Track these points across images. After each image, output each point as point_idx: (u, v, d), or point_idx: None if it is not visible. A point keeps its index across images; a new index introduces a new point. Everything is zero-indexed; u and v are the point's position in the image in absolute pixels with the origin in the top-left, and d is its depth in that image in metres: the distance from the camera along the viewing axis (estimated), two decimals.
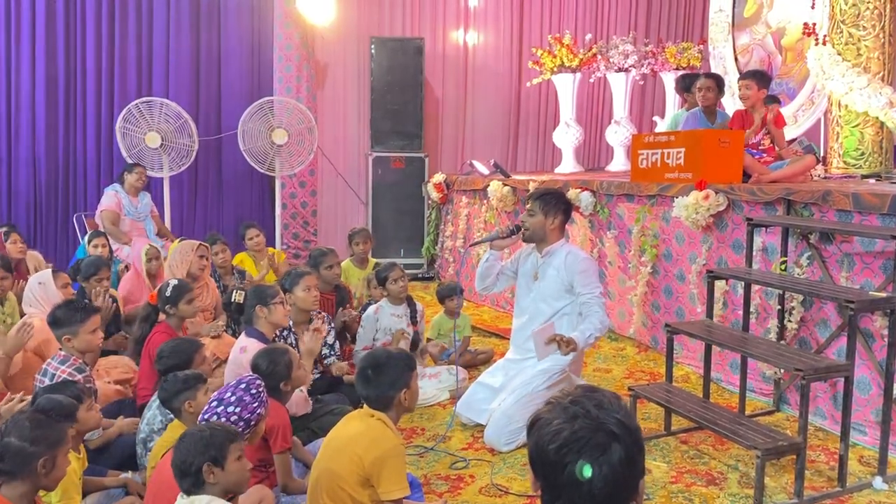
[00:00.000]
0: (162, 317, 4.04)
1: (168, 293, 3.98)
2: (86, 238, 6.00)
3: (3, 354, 3.54)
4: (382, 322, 4.55)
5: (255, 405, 2.59)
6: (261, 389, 2.66)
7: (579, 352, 3.90)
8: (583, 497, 1.28)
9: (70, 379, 3.14)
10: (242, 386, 2.62)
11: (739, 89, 5.21)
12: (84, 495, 2.77)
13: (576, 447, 1.28)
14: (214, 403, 2.57)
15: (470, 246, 4.57)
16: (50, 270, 4.31)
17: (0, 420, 2.92)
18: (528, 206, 3.92)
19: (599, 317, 3.73)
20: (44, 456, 2.20)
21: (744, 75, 5.44)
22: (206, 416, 2.54)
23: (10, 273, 4.50)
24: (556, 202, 3.87)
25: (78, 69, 7.76)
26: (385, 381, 2.61)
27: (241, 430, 2.50)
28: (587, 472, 1.25)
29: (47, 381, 3.21)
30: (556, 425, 1.31)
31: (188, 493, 2.20)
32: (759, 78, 5.21)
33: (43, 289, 4.15)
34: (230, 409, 2.54)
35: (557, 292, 3.85)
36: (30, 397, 3.07)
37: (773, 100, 6.04)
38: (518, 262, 4.07)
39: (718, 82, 5.71)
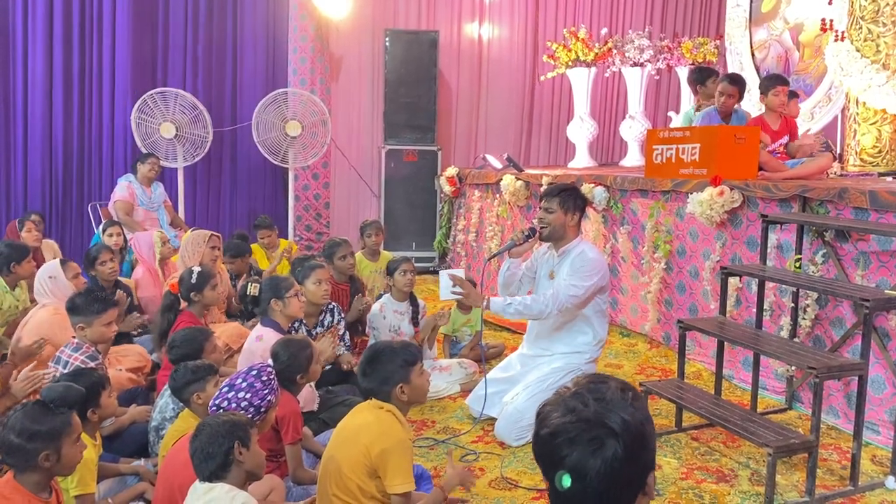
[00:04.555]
0: (184, 305, 4.06)
1: (193, 280, 4.00)
2: (100, 227, 6.05)
3: (9, 361, 3.57)
4: (387, 319, 4.54)
5: (265, 392, 2.60)
6: (271, 377, 2.67)
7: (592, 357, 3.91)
8: (578, 491, 1.26)
9: (83, 367, 3.16)
10: (253, 373, 2.63)
11: (778, 95, 5.12)
12: (99, 481, 2.80)
13: (569, 440, 1.26)
14: (225, 389, 2.58)
15: (489, 259, 4.54)
16: (58, 262, 4.32)
17: (9, 397, 2.96)
18: (544, 204, 3.84)
19: (542, 305, 3.65)
20: (44, 451, 2.19)
21: (784, 81, 5.28)
22: (216, 402, 2.55)
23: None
24: (575, 199, 3.81)
25: (94, 59, 7.80)
26: (378, 376, 2.62)
27: (251, 416, 2.51)
28: (566, 482, 1.24)
29: (61, 368, 3.24)
30: (554, 418, 1.30)
31: (210, 478, 2.21)
32: (786, 81, 5.20)
33: (54, 282, 4.16)
34: (241, 394, 2.55)
35: None
36: (47, 372, 3.11)
37: (792, 94, 5.98)
38: (536, 261, 4.05)
39: (741, 90, 5.45)
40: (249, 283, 4.27)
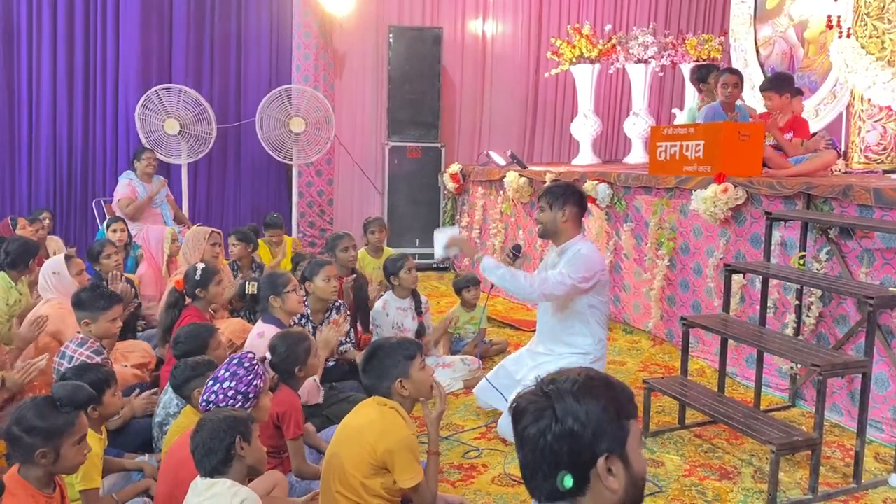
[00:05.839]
0: (188, 301, 4.07)
1: (198, 277, 4.01)
2: (105, 223, 6.05)
3: (14, 346, 3.59)
4: (390, 316, 4.54)
5: (249, 377, 2.57)
6: (254, 363, 2.64)
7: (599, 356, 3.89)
8: (523, 456, 1.42)
9: (89, 362, 3.17)
10: (234, 361, 2.62)
11: (764, 100, 5.16)
12: (103, 475, 2.80)
13: (522, 410, 1.42)
14: (211, 383, 2.57)
15: (490, 291, 4.51)
16: (63, 257, 4.32)
17: (6, 390, 2.97)
18: (538, 206, 3.85)
19: (527, 283, 3.61)
20: (41, 447, 2.18)
21: (762, 87, 5.29)
22: (205, 398, 2.55)
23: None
24: (563, 194, 3.74)
25: (98, 55, 7.80)
26: (377, 371, 2.64)
27: (240, 404, 2.50)
28: (567, 482, 1.35)
29: (66, 364, 3.25)
30: (520, 397, 1.47)
31: (212, 473, 2.21)
32: (777, 85, 5.18)
33: (58, 278, 4.16)
34: (226, 385, 2.54)
35: None
36: (39, 360, 3.13)
37: (797, 91, 5.97)
38: (547, 260, 4.05)
39: (741, 78, 5.56)
40: (248, 283, 4.27)
